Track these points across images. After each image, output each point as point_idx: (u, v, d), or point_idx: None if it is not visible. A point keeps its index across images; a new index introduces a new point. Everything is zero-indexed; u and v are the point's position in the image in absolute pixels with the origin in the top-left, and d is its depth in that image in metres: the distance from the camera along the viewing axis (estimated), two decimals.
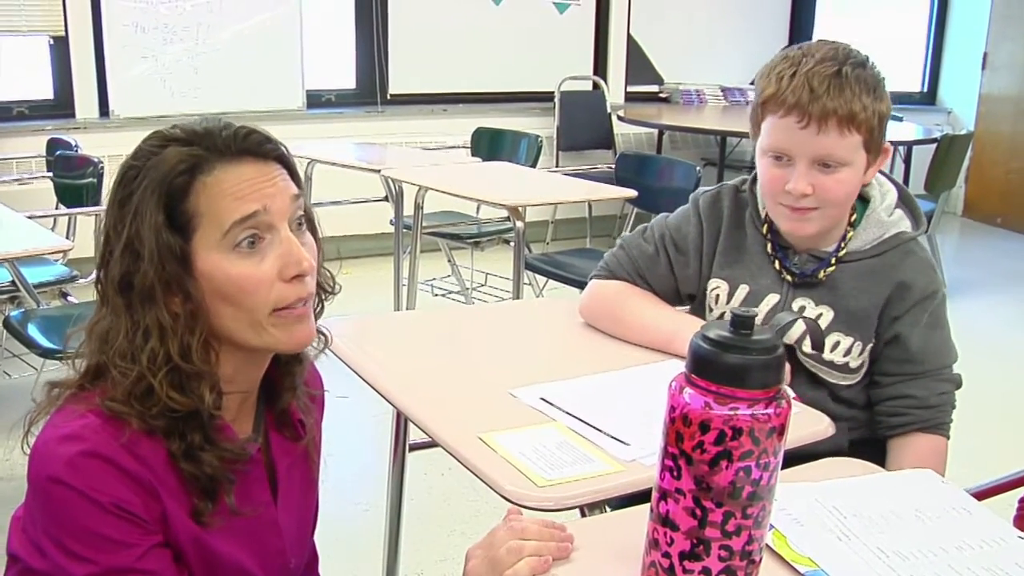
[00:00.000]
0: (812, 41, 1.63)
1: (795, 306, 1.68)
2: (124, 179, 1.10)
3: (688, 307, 1.84)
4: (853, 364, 1.67)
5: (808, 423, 1.48)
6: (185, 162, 1.08)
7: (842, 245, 1.67)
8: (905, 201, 1.72)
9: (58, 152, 4.24)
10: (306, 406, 1.30)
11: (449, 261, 4.97)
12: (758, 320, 0.94)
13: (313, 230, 1.19)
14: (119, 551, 1.05)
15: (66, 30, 5.14)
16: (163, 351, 1.08)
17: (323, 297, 1.23)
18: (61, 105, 5.26)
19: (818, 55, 1.56)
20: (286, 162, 1.16)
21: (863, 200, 1.69)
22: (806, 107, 1.52)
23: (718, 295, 1.75)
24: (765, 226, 1.72)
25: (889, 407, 1.66)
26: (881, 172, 1.73)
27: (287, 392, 1.26)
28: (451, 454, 1.35)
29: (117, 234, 1.09)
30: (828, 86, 1.52)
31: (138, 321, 1.08)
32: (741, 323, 0.92)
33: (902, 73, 7.83)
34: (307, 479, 1.33)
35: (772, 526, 1.12)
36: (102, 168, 3.83)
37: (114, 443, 1.05)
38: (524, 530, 1.06)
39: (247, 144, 1.11)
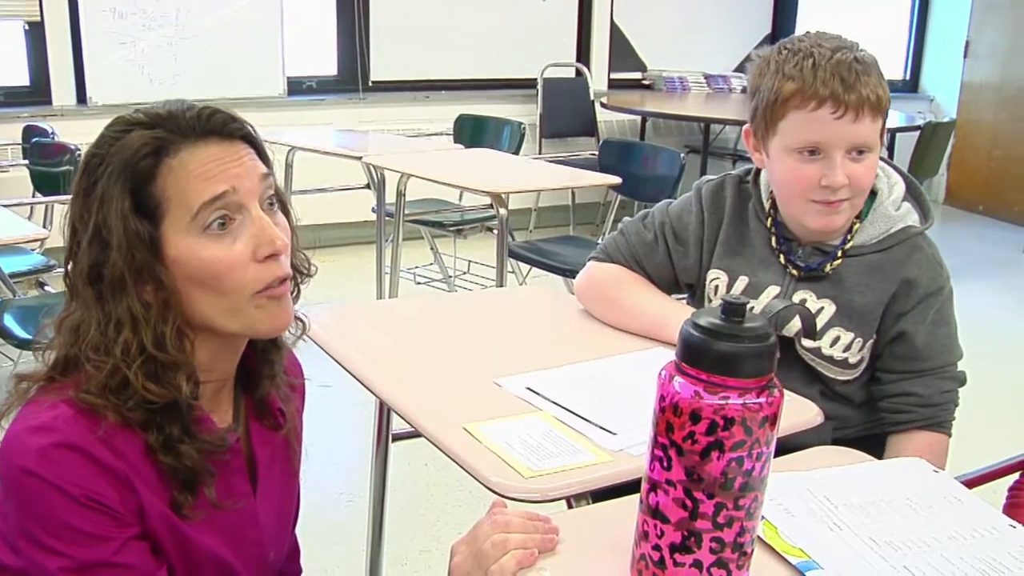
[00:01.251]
0: (801, 35, 1.60)
1: (796, 299, 1.65)
2: (88, 167, 1.07)
3: (686, 296, 1.83)
4: (852, 360, 1.65)
5: (796, 411, 1.46)
6: (149, 145, 1.05)
7: (848, 238, 1.64)
8: (913, 193, 1.69)
9: (34, 139, 4.19)
10: (286, 395, 1.27)
11: (432, 249, 4.94)
12: (756, 311, 0.92)
13: (285, 211, 1.17)
14: (94, 545, 1.02)
15: (41, 15, 5.07)
16: (136, 342, 1.05)
17: (299, 280, 1.21)
18: (37, 92, 5.20)
19: (828, 45, 1.54)
20: (253, 141, 1.13)
21: (871, 193, 1.67)
22: (841, 97, 1.50)
23: (717, 286, 1.73)
24: (769, 219, 1.69)
25: (892, 404, 1.64)
26: (889, 163, 1.71)
27: (266, 380, 1.23)
28: (435, 445, 1.33)
29: (84, 224, 1.06)
30: (856, 74, 1.51)
31: (109, 312, 1.06)
32: (732, 310, 0.90)
33: (885, 60, 7.73)
34: (288, 470, 1.30)
35: (763, 517, 1.10)
36: (79, 155, 3.78)
37: (87, 434, 1.02)
38: (508, 523, 1.04)
39: (211, 124, 1.09)
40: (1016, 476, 1.63)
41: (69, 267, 1.09)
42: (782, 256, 1.68)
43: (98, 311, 1.06)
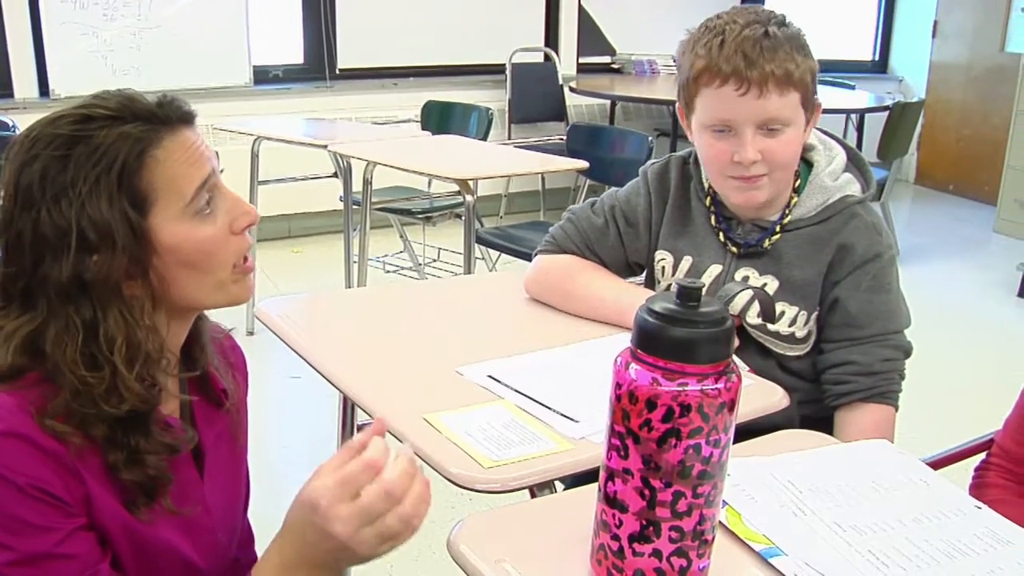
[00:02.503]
0: (725, 11, 1.60)
1: (738, 276, 1.66)
2: (48, 172, 1.03)
3: (642, 278, 1.82)
4: (799, 334, 1.64)
5: (762, 395, 1.45)
6: (139, 141, 1.05)
7: (786, 212, 1.64)
8: (855, 163, 1.69)
9: None
10: (223, 366, 1.27)
11: (401, 237, 4.91)
12: (705, 291, 0.90)
13: None
14: (38, 536, 1.00)
15: (0, 6, 4.98)
16: (129, 345, 1.04)
17: None
18: None
19: (741, 20, 1.54)
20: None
21: (808, 165, 1.66)
22: (743, 73, 1.50)
23: (663, 267, 1.74)
24: (708, 198, 1.70)
25: (832, 375, 1.61)
26: (829, 134, 1.71)
27: (200, 353, 1.23)
28: (395, 436, 1.30)
29: (59, 232, 1.02)
30: (761, 49, 1.50)
31: (95, 322, 1.03)
32: (687, 295, 0.89)
33: (854, 41, 7.86)
34: (234, 450, 1.30)
35: (726, 503, 1.09)
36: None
37: (31, 422, 1.00)
38: (407, 495, 1.02)
39: (181, 112, 1.11)
40: (983, 455, 1.62)
41: (26, 279, 1.04)
42: (721, 234, 1.68)
43: (76, 323, 1.03)
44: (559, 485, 1.32)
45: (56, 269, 1.02)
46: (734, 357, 0.92)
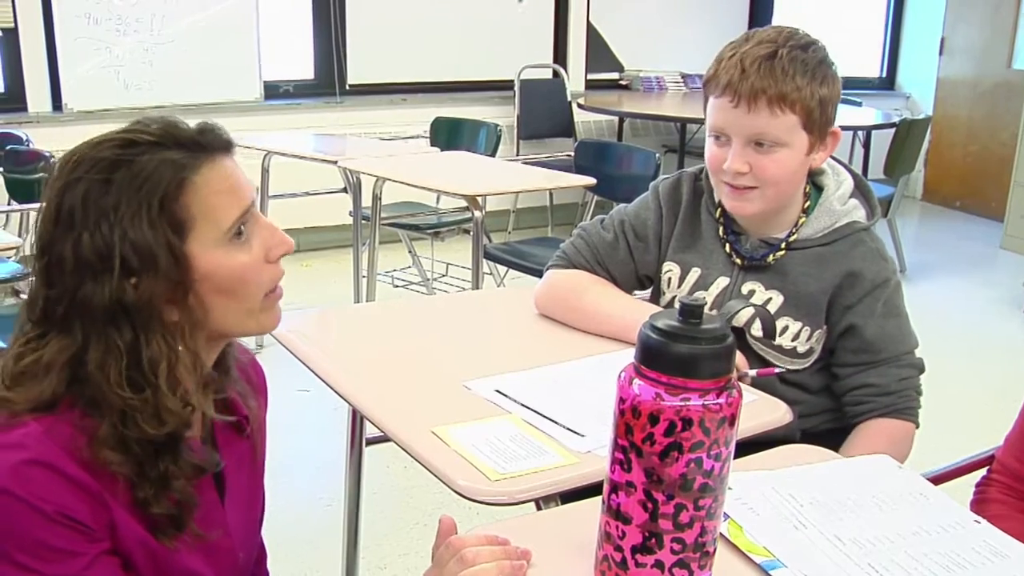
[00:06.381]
0: (764, 27, 1.64)
1: (744, 290, 1.68)
2: (90, 195, 1.03)
3: (649, 291, 1.84)
4: (801, 349, 1.67)
5: (766, 410, 1.47)
6: (181, 167, 1.06)
7: (793, 231, 1.67)
8: (861, 190, 1.73)
9: (8, 147, 4.15)
10: (244, 391, 1.28)
11: (410, 252, 4.94)
12: (708, 301, 0.92)
13: None
14: (65, 560, 1.01)
15: (15, 21, 5.03)
16: (172, 367, 1.05)
17: None
18: (12, 99, 5.15)
19: (758, 37, 1.59)
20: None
21: (818, 188, 1.69)
22: (736, 86, 1.55)
23: (670, 278, 1.77)
24: (718, 211, 1.73)
25: (852, 397, 1.66)
26: (837, 160, 1.73)
27: (225, 377, 1.24)
28: (403, 448, 1.33)
29: (100, 256, 1.02)
30: (759, 66, 1.54)
31: (137, 345, 1.04)
32: (690, 312, 0.91)
33: (861, 58, 7.88)
34: (253, 471, 1.31)
35: (728, 515, 1.11)
36: (53, 162, 3.74)
37: (58, 450, 1.01)
38: (477, 556, 1.01)
39: (221, 141, 1.12)
40: (984, 471, 1.64)
41: (66, 304, 1.04)
42: (728, 245, 1.71)
43: (119, 347, 1.03)
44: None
45: (98, 292, 1.02)
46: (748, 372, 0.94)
